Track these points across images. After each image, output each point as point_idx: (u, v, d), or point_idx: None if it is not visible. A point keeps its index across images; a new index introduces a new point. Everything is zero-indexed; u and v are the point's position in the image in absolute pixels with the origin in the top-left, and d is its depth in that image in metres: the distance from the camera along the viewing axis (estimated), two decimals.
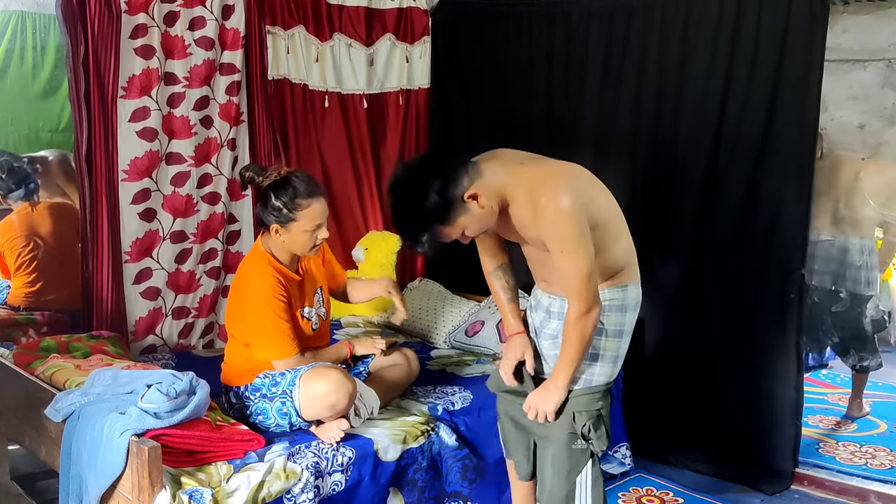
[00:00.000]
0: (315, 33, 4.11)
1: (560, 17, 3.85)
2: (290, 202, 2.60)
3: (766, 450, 3.32)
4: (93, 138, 3.29)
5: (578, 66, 3.79)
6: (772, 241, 3.22)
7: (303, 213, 2.61)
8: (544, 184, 2.22)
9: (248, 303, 2.67)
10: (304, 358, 2.68)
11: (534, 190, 2.22)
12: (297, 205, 2.60)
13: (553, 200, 2.18)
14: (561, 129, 3.88)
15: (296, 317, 2.72)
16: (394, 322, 3.13)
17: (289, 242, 2.67)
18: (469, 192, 2.20)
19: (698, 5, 3.37)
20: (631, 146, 3.60)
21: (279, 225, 2.63)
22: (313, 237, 2.66)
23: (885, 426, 4.08)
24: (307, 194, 2.62)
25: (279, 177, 2.65)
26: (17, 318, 3.77)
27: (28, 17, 5.62)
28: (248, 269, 2.73)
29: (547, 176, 2.27)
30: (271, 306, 2.62)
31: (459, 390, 3.12)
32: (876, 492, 3.26)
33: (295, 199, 2.60)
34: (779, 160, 3.19)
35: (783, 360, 3.24)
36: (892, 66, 5.79)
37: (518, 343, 2.51)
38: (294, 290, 2.72)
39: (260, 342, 2.67)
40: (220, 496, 2.28)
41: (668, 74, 3.47)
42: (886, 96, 5.84)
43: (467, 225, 2.24)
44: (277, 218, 2.62)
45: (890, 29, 5.72)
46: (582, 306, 2.24)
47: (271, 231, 2.66)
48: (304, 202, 2.61)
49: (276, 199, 2.61)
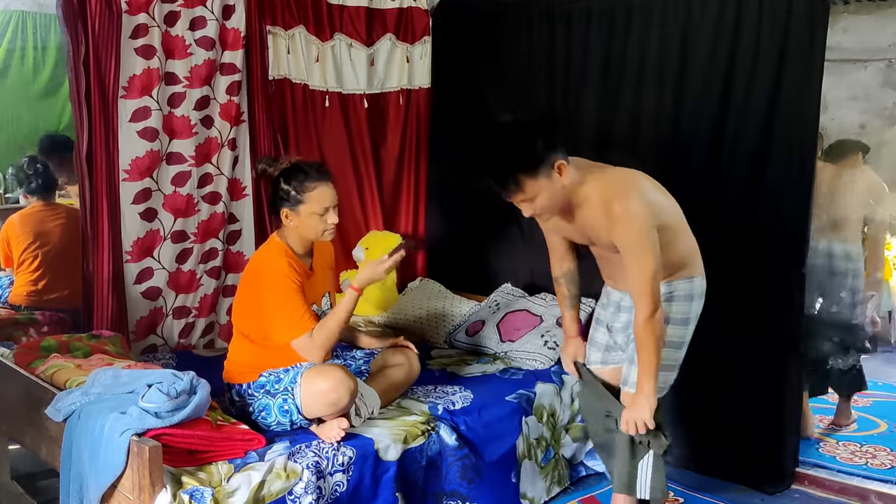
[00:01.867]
0: (316, 33, 4.11)
1: (560, 16, 3.85)
2: (299, 185, 2.69)
3: (766, 450, 3.32)
4: (93, 138, 3.30)
5: (578, 65, 3.79)
6: (772, 240, 3.22)
7: (311, 194, 2.69)
8: (617, 190, 2.42)
9: (265, 287, 2.69)
10: (318, 330, 2.65)
11: (605, 195, 2.42)
12: (305, 187, 2.69)
13: (625, 206, 2.39)
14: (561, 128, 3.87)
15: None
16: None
17: (300, 227, 2.72)
18: (560, 161, 2.40)
19: (698, 5, 3.37)
20: (631, 146, 3.60)
21: (289, 209, 2.70)
22: (323, 220, 2.71)
23: (885, 426, 4.08)
24: (316, 177, 2.71)
25: (290, 165, 2.73)
26: (18, 317, 3.78)
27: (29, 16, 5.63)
28: (263, 257, 2.78)
29: (618, 182, 2.48)
30: (288, 286, 2.65)
31: (460, 390, 3.12)
32: (876, 491, 3.25)
33: (304, 182, 2.69)
34: (779, 160, 3.19)
35: (783, 359, 3.24)
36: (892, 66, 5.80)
37: (571, 345, 2.92)
38: (305, 283, 2.74)
39: (279, 322, 2.67)
40: (221, 496, 2.28)
41: (668, 74, 3.46)
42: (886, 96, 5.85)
43: (541, 192, 2.40)
44: (287, 202, 2.70)
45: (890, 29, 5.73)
46: (649, 307, 2.42)
47: (283, 217, 2.72)
48: (311, 184, 2.69)
49: (285, 182, 2.70)
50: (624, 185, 2.46)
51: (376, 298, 4.19)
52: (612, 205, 2.40)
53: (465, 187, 4.30)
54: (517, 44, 4.03)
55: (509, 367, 3.42)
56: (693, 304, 2.62)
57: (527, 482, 3.09)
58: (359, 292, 2.73)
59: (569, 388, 3.30)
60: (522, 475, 3.07)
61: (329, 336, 2.67)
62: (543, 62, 3.93)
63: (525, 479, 3.08)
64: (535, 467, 3.13)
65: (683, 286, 2.60)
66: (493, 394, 3.12)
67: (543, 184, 2.40)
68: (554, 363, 3.41)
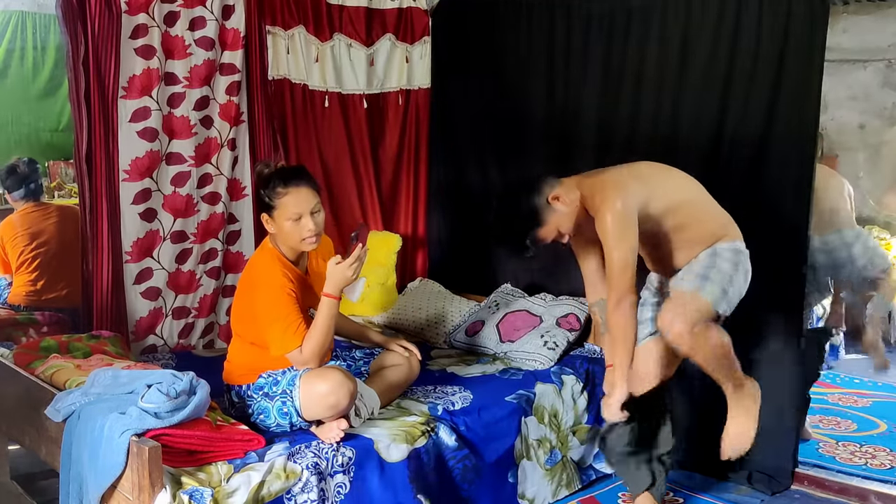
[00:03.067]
0: (315, 33, 4.11)
1: (560, 16, 3.85)
2: (271, 191, 2.68)
3: (766, 450, 3.32)
4: (93, 138, 3.30)
5: (578, 66, 3.79)
6: (772, 240, 3.22)
7: (282, 200, 2.66)
8: (603, 191, 2.66)
9: (259, 296, 2.67)
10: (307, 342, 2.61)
11: (595, 196, 2.67)
12: (277, 193, 2.67)
13: (605, 203, 2.62)
14: (561, 128, 3.88)
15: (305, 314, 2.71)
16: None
17: (278, 233, 2.71)
18: (552, 194, 2.68)
19: (698, 5, 3.37)
20: (631, 145, 3.60)
21: (266, 214, 2.71)
22: (298, 227, 2.66)
23: (885, 426, 4.07)
24: (285, 182, 2.67)
25: (272, 170, 2.73)
26: (18, 317, 3.78)
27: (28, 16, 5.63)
28: (258, 266, 2.75)
29: (605, 182, 2.70)
30: (282, 298, 2.63)
31: (459, 390, 3.11)
32: (876, 492, 3.25)
33: (276, 188, 2.67)
34: (779, 160, 3.19)
35: (784, 359, 3.24)
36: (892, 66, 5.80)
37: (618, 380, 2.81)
38: (300, 289, 2.72)
39: (272, 335, 2.64)
40: (221, 496, 2.28)
41: (668, 74, 3.46)
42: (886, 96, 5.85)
43: (560, 223, 2.70)
44: (263, 207, 2.71)
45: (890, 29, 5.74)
46: (613, 296, 2.65)
47: (264, 223, 2.73)
48: (282, 190, 2.66)
49: (262, 188, 2.70)
50: (608, 184, 2.68)
51: (376, 299, 4.19)
52: (595, 201, 2.66)
53: (465, 187, 4.30)
54: (517, 44, 4.03)
55: (509, 368, 3.42)
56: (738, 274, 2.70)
57: (525, 482, 3.08)
58: (334, 298, 2.63)
59: (569, 389, 3.30)
60: (520, 475, 3.07)
61: (317, 348, 2.61)
62: (543, 62, 3.93)
63: (523, 480, 3.08)
64: (537, 468, 3.12)
65: (727, 247, 2.73)
66: (493, 394, 3.12)
67: (555, 219, 2.69)
68: (554, 363, 3.40)
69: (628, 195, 2.63)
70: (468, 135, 4.29)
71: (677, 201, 2.74)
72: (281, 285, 2.64)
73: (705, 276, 2.66)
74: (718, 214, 2.81)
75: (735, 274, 2.70)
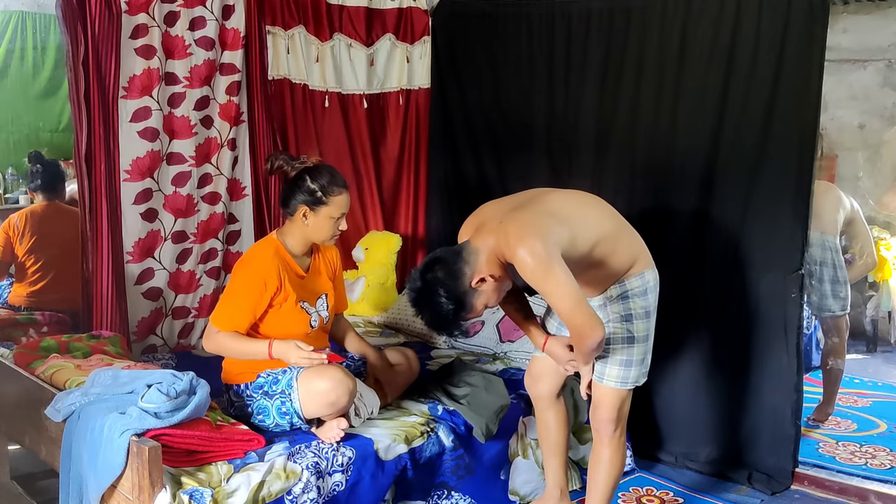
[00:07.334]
0: (315, 33, 4.11)
1: (560, 16, 3.84)
2: (326, 186, 2.70)
3: (766, 450, 3.32)
4: (92, 138, 3.29)
5: (578, 65, 3.79)
6: (771, 240, 3.22)
7: (335, 198, 2.71)
8: (517, 238, 2.34)
9: (235, 272, 2.75)
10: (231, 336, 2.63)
11: (511, 246, 2.35)
12: (331, 190, 2.71)
13: (525, 251, 2.31)
14: (560, 128, 3.88)
15: (287, 306, 2.70)
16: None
17: (312, 227, 2.72)
18: (475, 279, 2.39)
19: (698, 5, 3.37)
20: (630, 145, 3.60)
21: (308, 207, 2.70)
22: (335, 226, 2.74)
23: (885, 426, 4.07)
24: (342, 183, 2.75)
25: (316, 164, 2.75)
26: (18, 317, 3.78)
27: (28, 17, 5.62)
28: (250, 252, 2.81)
29: (518, 228, 2.38)
30: (251, 282, 2.65)
31: None
32: (876, 492, 3.25)
33: (331, 185, 2.71)
34: (778, 160, 3.19)
35: (783, 359, 3.24)
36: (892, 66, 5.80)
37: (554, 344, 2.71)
38: (293, 283, 2.72)
39: (220, 303, 2.72)
40: (220, 496, 2.28)
41: (668, 74, 3.46)
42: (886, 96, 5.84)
43: (488, 300, 2.45)
44: (309, 200, 2.69)
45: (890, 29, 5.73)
46: (590, 330, 2.37)
47: (297, 215, 2.71)
48: (337, 189, 2.72)
49: (312, 181, 2.70)
50: (523, 229, 2.38)
51: (376, 298, 4.19)
52: (516, 253, 2.34)
53: (465, 187, 4.30)
54: (517, 44, 4.03)
55: (509, 368, 3.42)
56: (650, 297, 2.61)
57: (517, 479, 3.08)
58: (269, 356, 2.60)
59: (568, 389, 3.29)
60: (513, 472, 3.07)
61: (222, 350, 2.66)
62: (543, 62, 3.93)
63: (515, 477, 3.08)
64: (534, 466, 3.12)
65: (637, 282, 2.59)
66: None
67: (482, 299, 2.44)
68: None
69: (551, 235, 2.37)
70: (468, 134, 4.29)
71: (596, 237, 2.49)
72: (259, 275, 2.66)
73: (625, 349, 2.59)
74: (632, 247, 2.60)
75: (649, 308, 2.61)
